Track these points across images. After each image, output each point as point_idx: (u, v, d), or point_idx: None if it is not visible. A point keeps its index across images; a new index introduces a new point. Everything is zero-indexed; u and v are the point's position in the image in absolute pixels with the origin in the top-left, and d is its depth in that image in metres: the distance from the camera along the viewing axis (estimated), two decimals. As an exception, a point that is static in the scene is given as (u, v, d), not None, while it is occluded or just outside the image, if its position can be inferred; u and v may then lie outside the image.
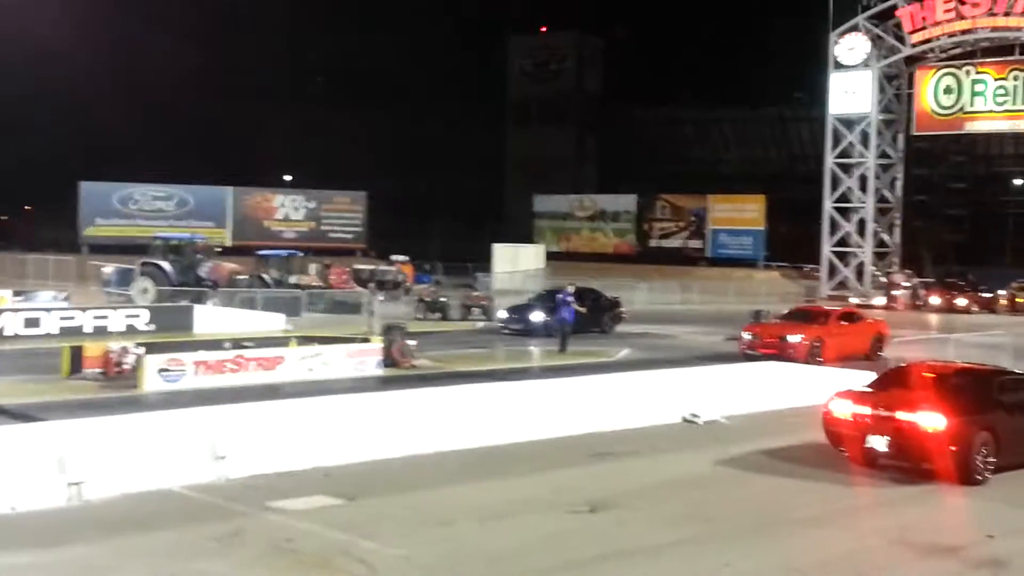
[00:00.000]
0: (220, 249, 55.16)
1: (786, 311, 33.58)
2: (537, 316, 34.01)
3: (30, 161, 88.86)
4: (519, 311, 35.68)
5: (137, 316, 32.20)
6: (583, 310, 31.69)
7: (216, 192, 75.32)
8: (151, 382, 21.01)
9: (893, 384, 15.92)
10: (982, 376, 16.26)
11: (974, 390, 15.35)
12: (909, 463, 14.63)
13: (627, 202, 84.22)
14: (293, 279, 44.06)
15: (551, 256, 72.88)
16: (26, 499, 11.80)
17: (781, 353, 27.27)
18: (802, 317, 31.26)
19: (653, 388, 19.31)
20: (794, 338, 28.50)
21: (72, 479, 12.08)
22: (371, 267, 54.19)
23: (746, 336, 29.86)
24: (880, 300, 55.42)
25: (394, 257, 58.59)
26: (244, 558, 10.43)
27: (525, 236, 79.99)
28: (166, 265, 43.47)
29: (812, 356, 27.92)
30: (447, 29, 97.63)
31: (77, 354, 22.52)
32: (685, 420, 18.36)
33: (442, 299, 41.39)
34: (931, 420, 14.23)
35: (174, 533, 11.17)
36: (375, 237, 78.82)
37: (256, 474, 13.45)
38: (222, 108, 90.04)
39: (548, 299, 35.26)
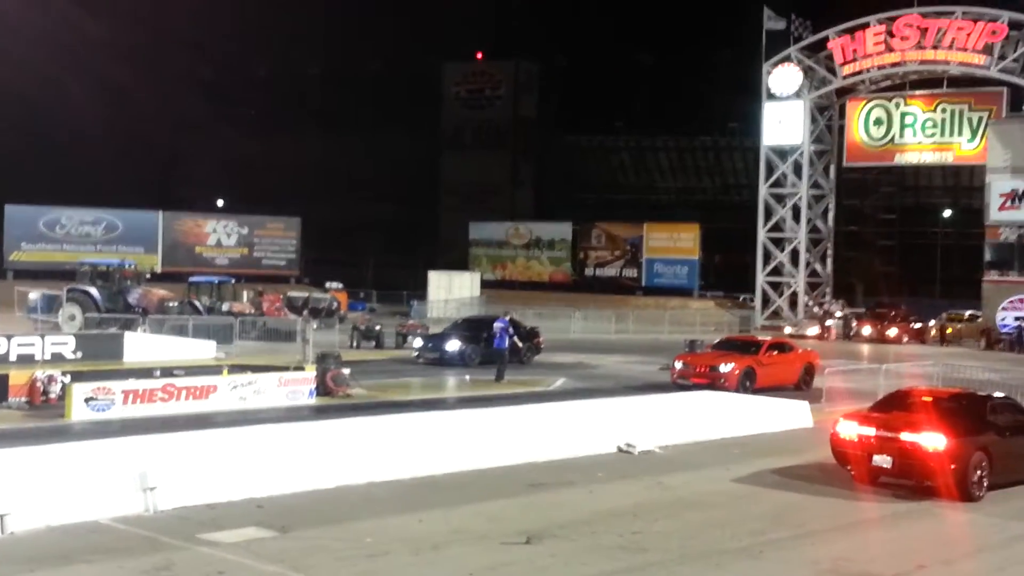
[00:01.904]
0: (150, 275, 54.41)
1: (717, 341, 33.51)
2: (453, 345, 33.48)
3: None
4: (435, 339, 35.21)
5: (64, 344, 31.51)
6: (517, 342, 31.71)
7: (146, 217, 74.15)
8: (78, 411, 20.58)
9: (895, 407, 17.09)
10: (976, 400, 17.57)
11: (969, 413, 16.58)
12: (912, 481, 15.80)
13: (563, 230, 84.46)
14: (225, 306, 43.54)
15: (486, 284, 72.81)
16: (-54, 533, 11.47)
17: (713, 383, 27.46)
18: (734, 347, 31.12)
19: (588, 418, 19.32)
20: (725, 368, 28.41)
21: (-6, 512, 11.77)
22: (305, 294, 53.69)
23: (678, 365, 29.78)
24: (813, 330, 56.09)
25: (328, 284, 58.22)
26: (173, 593, 10.21)
27: (460, 263, 79.86)
28: (94, 291, 42.73)
29: (743, 386, 27.88)
30: (381, 55, 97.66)
31: (2, 382, 22.00)
32: (620, 450, 18.35)
33: (377, 327, 41.11)
34: (932, 441, 15.42)
35: (101, 567, 10.91)
36: (309, 264, 78.22)
37: (187, 505, 13.20)
38: (153, 132, 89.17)
39: (464, 328, 35.28)
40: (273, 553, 11.54)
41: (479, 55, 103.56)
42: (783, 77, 63.20)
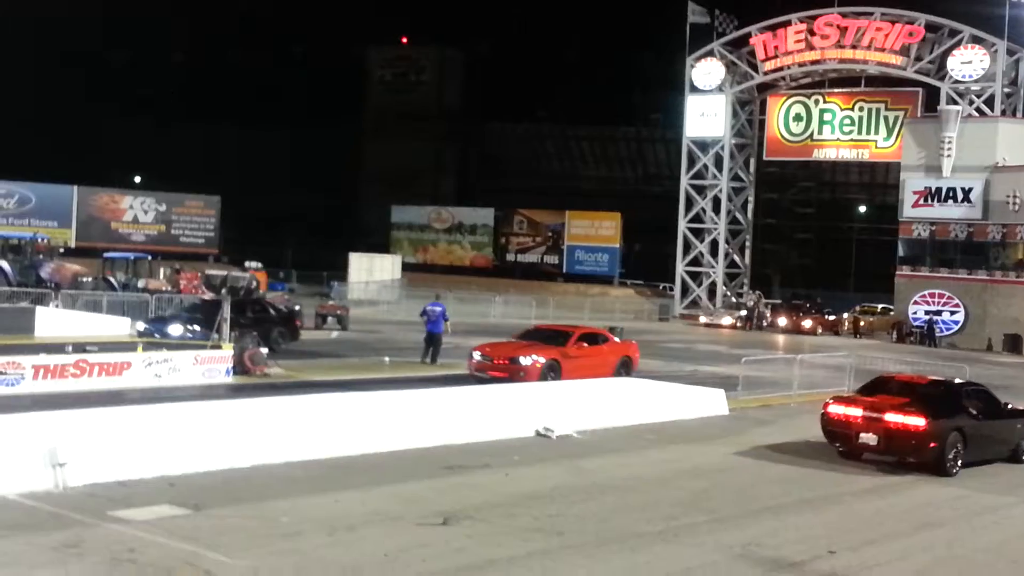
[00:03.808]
0: (63, 250, 53.36)
1: (524, 331, 30.10)
2: (176, 329, 28.85)
3: None
4: (159, 322, 30.74)
5: (-27, 317, 30.82)
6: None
7: (60, 191, 72.63)
8: (-14, 385, 20.12)
9: (879, 390, 18.85)
10: (953, 387, 19.77)
11: (947, 398, 18.63)
12: (896, 457, 17.62)
13: (485, 215, 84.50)
14: (141, 283, 42.87)
15: (407, 267, 72.62)
16: None
17: (512, 376, 24.86)
18: (540, 337, 27.87)
19: (506, 401, 19.37)
20: (526, 360, 25.70)
21: None
22: (223, 273, 53.03)
23: (476, 356, 26.44)
24: (728, 320, 56.81)
25: (247, 263, 57.57)
26: (82, 569, 10.03)
27: (379, 246, 79.52)
28: (5, 265, 41.87)
29: (546, 380, 25.12)
30: (305, 37, 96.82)
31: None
32: (538, 434, 18.42)
33: (295, 307, 40.70)
34: (914, 421, 17.19)
35: (8, 543, 10.67)
36: (228, 244, 77.29)
37: (98, 482, 12.98)
38: (70, 105, 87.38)
39: (195, 311, 31.12)
40: (186, 531, 11.40)
41: (404, 39, 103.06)
42: (706, 71, 63.86)
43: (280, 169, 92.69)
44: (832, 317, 57.03)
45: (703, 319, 57.24)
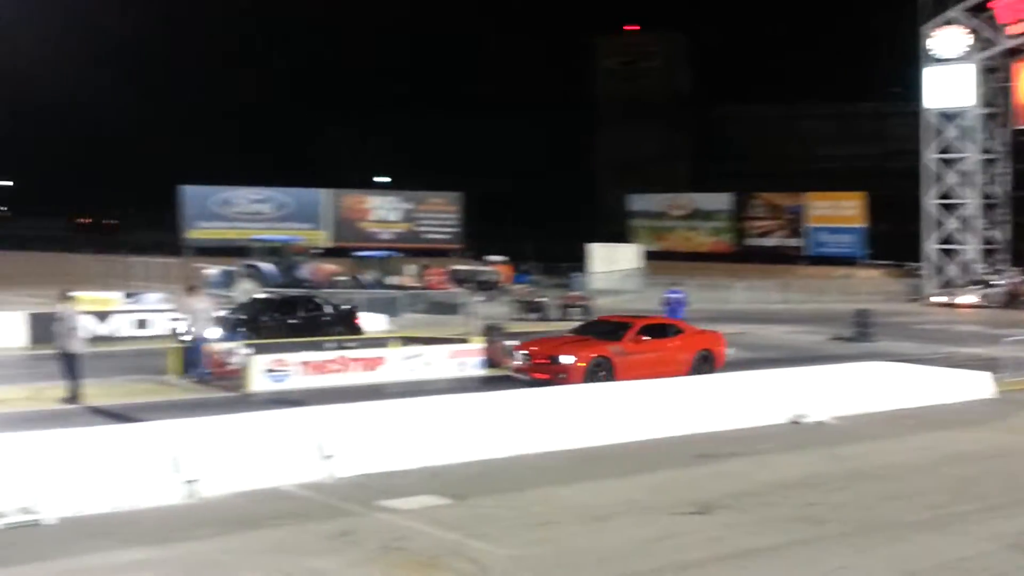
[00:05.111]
0: (321, 251, 55.87)
1: (583, 324, 27.34)
2: (214, 332, 24.98)
3: (133, 166, 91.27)
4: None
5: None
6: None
7: (312, 194, 76.27)
8: (258, 382, 21.38)
9: None
10: None
11: None
12: None
13: (722, 200, 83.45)
14: (391, 280, 44.45)
15: (647, 255, 72.45)
16: (143, 497, 12.07)
17: (552, 378, 21.66)
18: (598, 330, 24.62)
19: (758, 388, 19.05)
20: (566, 359, 22.26)
21: (187, 477, 12.34)
22: (469, 268, 54.43)
23: (520, 356, 23.31)
24: (968, 299, 53.60)
25: (491, 258, 58.76)
26: (356, 557, 10.52)
27: (618, 235, 79.60)
28: (266, 267, 44.15)
29: (595, 381, 21.22)
30: (535, 31, 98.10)
31: (187, 355, 22.94)
32: (792, 421, 18.11)
33: (540, 299, 41.41)
34: None
35: (286, 531, 11.32)
36: (470, 238, 79.15)
37: (363, 473, 13.58)
38: (315, 111, 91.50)
39: (239, 311, 28.72)
40: (450, 520, 11.78)
41: (631, 28, 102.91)
42: (946, 39, 60.73)
43: (515, 163, 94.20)
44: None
45: (951, 299, 54.51)
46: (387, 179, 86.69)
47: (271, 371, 21.56)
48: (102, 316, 30.24)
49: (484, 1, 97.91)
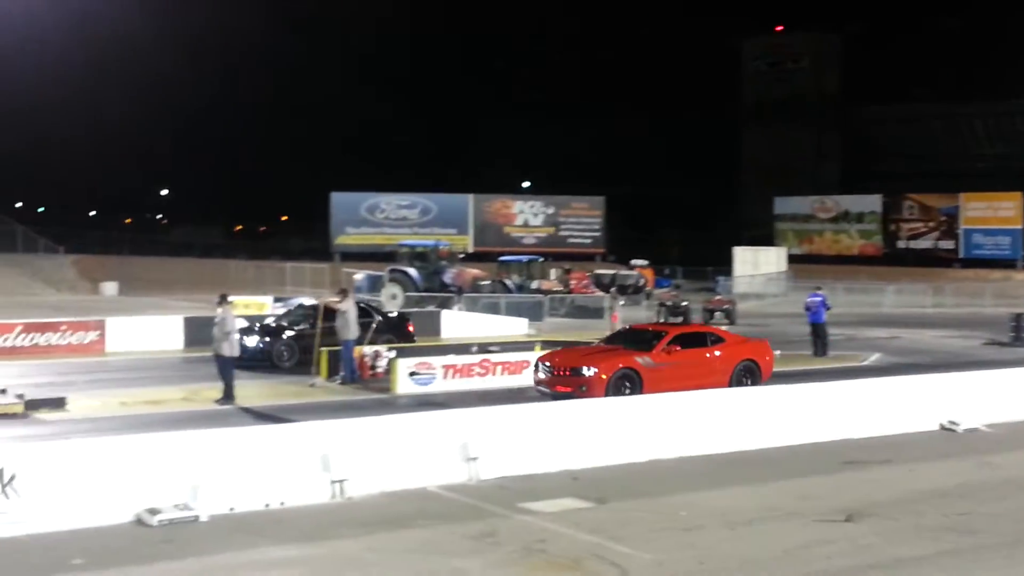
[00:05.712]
0: (462, 255, 56.53)
1: (613, 332, 25.90)
2: (251, 340, 25.73)
3: (283, 174, 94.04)
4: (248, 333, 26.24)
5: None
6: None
7: (457, 200, 77.25)
8: (403, 385, 21.77)
9: None
10: None
11: None
12: None
13: (871, 202, 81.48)
14: (534, 284, 44.72)
15: (792, 259, 71.25)
16: (293, 495, 12.43)
17: (575, 391, 19.98)
18: (628, 339, 22.70)
19: (907, 394, 18.57)
20: (588, 371, 20.39)
21: (335, 477, 12.65)
22: (612, 272, 54.43)
23: (541, 368, 21.38)
24: None
25: (634, 261, 58.62)
26: (498, 558, 10.65)
27: (762, 238, 78.48)
28: (413, 271, 44.85)
29: (620, 395, 19.71)
30: (679, 33, 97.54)
31: (334, 358, 23.52)
32: (943, 428, 17.62)
33: (683, 303, 41.11)
34: None
35: (431, 531, 11.53)
36: (612, 242, 79.05)
37: (506, 475, 13.72)
38: (459, 118, 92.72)
39: (284, 318, 28.28)
40: (591, 523, 11.82)
41: (777, 28, 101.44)
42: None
43: (659, 165, 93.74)
44: None
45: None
46: (527, 183, 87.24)
47: (416, 374, 21.94)
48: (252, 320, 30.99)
49: (629, 6, 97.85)
